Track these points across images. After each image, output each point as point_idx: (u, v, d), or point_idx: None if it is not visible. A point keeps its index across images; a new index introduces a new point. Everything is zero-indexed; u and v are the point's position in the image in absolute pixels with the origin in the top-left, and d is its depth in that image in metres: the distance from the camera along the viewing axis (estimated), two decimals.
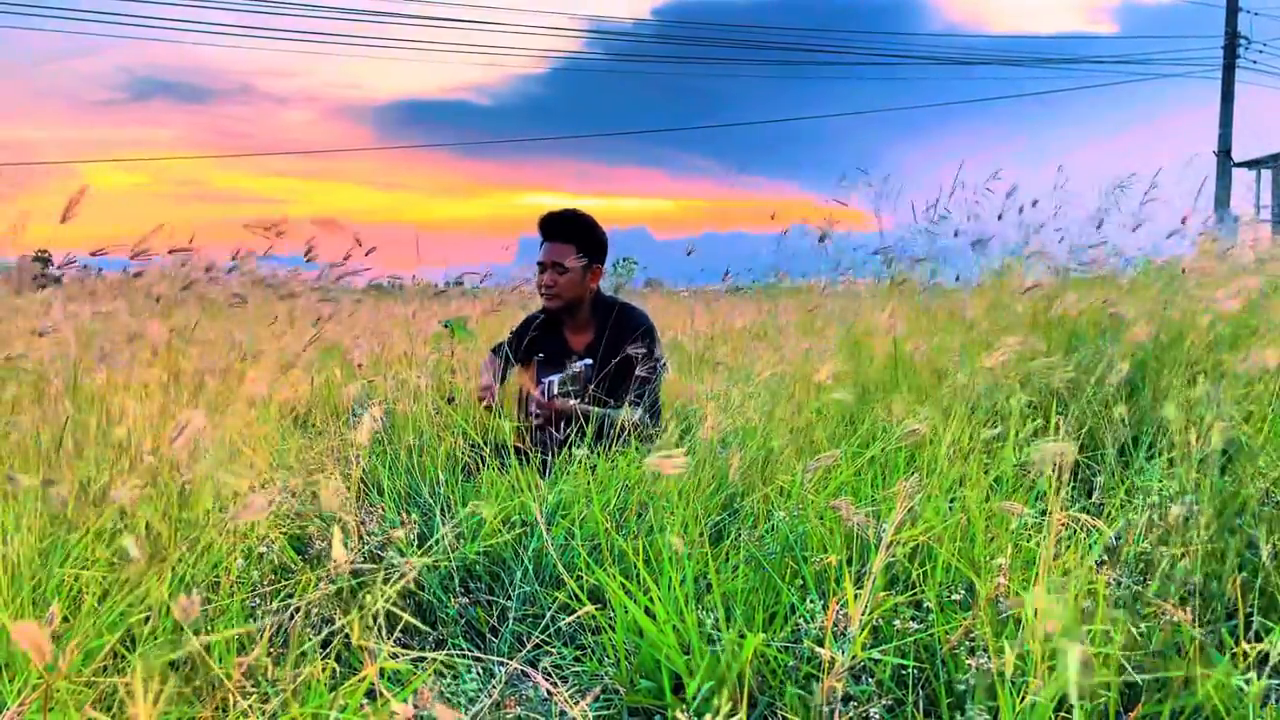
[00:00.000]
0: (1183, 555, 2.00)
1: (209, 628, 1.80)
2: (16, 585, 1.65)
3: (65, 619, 1.62)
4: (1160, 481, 2.32)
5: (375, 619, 1.83)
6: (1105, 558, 2.13)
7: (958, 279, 4.05)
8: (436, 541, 2.26)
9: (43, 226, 2.36)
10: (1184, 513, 2.10)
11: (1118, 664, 1.69)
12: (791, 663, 1.87)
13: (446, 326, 3.90)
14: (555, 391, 3.21)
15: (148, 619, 1.67)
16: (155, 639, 1.64)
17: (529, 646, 2.05)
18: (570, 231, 3.48)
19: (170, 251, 2.40)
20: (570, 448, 2.77)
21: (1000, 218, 3.95)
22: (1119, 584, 1.97)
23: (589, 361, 3.30)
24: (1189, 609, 1.94)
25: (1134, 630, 1.82)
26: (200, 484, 1.87)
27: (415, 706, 1.16)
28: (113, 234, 2.46)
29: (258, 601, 2.00)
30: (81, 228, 2.33)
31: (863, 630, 1.75)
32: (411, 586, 2.20)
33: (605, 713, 1.87)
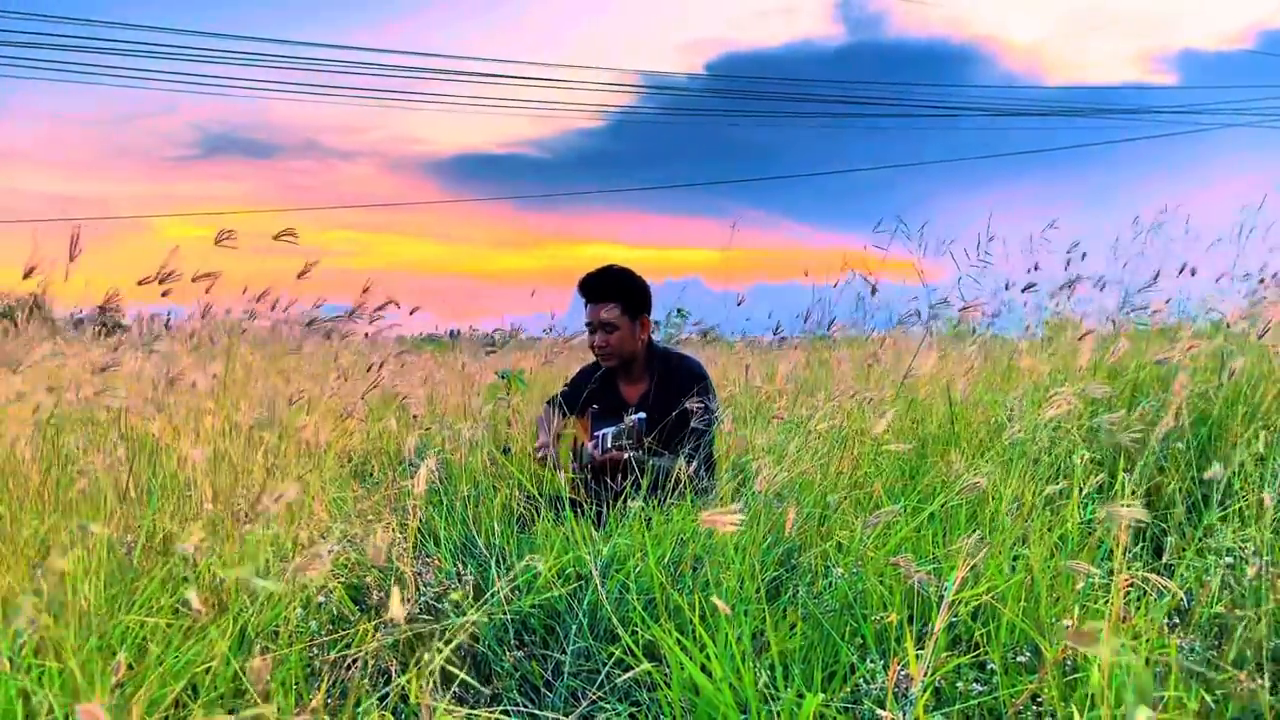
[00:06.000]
0: (1258, 619, 1.94)
1: (268, 678, 1.81)
2: (85, 632, 1.68)
3: (130, 667, 1.64)
4: (1232, 542, 2.25)
5: (431, 673, 1.83)
6: (1176, 620, 2.06)
7: (983, 323, 4.00)
8: (492, 595, 2.26)
9: (118, 278, 2.45)
10: (1259, 574, 2.03)
11: None
12: None
13: (503, 377, 3.93)
14: (609, 444, 3.21)
15: (210, 669, 1.69)
16: (216, 688, 1.65)
17: (584, 703, 2.03)
18: (611, 289, 3.49)
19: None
20: (625, 500, 2.76)
21: (1068, 265, 3.92)
22: (1192, 649, 1.91)
23: (643, 415, 3.30)
24: (1265, 675, 1.87)
25: (1208, 697, 1.76)
26: (261, 536, 1.90)
27: None
28: (179, 286, 2.54)
29: (316, 652, 2.01)
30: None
31: (925, 691, 1.71)
32: (467, 640, 2.19)
33: None
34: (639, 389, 3.54)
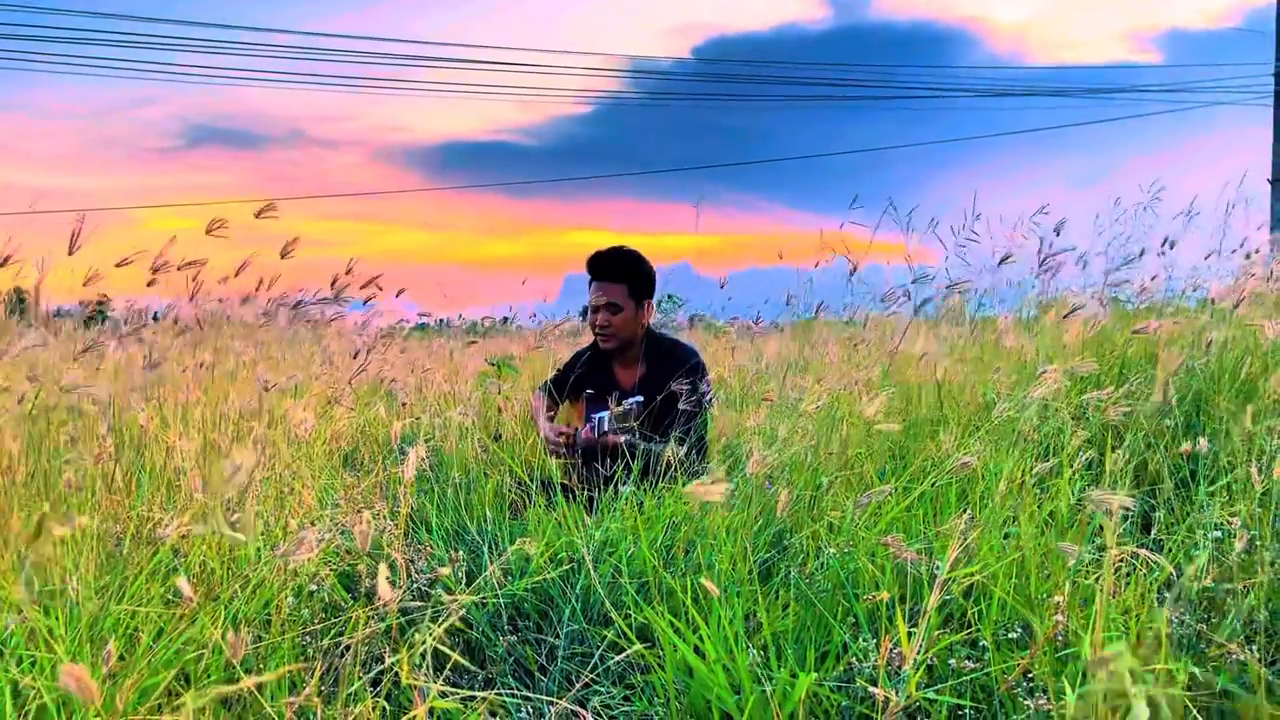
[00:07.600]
0: (1247, 592, 1.95)
1: (261, 666, 1.81)
2: (75, 623, 1.67)
3: (121, 657, 1.63)
4: (1220, 516, 2.26)
5: (424, 657, 1.83)
6: (1166, 595, 2.08)
7: (970, 300, 3.99)
8: (485, 580, 2.26)
9: (103, 272, 2.43)
10: (1247, 548, 2.04)
11: (1183, 705, 1.64)
12: (845, 703, 1.84)
13: (493, 365, 3.93)
14: (605, 429, 3.21)
15: (201, 657, 1.68)
16: (208, 677, 1.65)
17: (578, 686, 2.03)
18: (620, 270, 3.48)
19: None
20: (616, 484, 2.76)
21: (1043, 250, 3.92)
22: (1181, 622, 1.92)
23: (640, 399, 3.29)
24: (1255, 647, 1.88)
25: (1198, 670, 1.77)
26: (250, 523, 1.89)
27: None
28: (165, 275, 2.52)
29: (308, 640, 2.00)
30: (137, 272, 2.39)
31: (917, 669, 1.72)
32: (460, 625, 2.19)
33: None
34: (633, 373, 3.54)
